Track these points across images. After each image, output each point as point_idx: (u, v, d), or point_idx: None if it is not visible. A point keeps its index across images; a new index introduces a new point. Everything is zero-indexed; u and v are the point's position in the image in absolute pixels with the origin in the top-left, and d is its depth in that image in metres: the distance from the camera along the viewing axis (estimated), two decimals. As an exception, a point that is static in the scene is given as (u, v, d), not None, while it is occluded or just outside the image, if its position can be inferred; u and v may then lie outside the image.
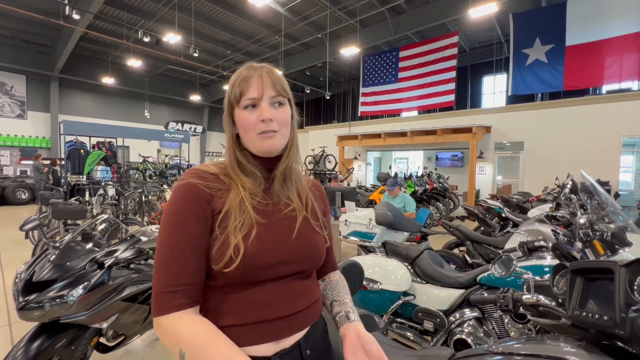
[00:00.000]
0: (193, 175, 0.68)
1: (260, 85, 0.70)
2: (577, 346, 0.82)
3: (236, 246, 0.63)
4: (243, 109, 0.70)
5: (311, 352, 0.73)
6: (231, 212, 0.66)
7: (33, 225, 2.44)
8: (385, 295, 2.12)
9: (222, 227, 0.66)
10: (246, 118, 0.70)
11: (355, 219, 3.60)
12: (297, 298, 0.72)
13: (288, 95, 0.74)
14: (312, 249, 0.75)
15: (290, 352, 0.69)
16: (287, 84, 0.75)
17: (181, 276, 0.62)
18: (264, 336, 0.67)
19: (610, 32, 8.04)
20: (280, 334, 0.68)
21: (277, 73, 0.73)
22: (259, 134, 0.70)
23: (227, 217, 0.66)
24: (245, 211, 0.67)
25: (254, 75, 0.70)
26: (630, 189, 9.47)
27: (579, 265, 0.90)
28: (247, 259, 0.64)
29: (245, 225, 0.66)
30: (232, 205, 0.67)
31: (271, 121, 0.69)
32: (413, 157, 15.20)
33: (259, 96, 0.69)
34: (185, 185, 0.67)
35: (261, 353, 0.66)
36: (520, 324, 1.74)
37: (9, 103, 12.50)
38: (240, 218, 0.66)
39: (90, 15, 8.81)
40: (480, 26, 10.98)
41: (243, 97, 0.70)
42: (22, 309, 1.53)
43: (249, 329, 0.66)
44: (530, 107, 9.77)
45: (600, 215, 1.71)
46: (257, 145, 0.71)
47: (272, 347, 0.67)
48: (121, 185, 6.56)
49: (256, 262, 0.65)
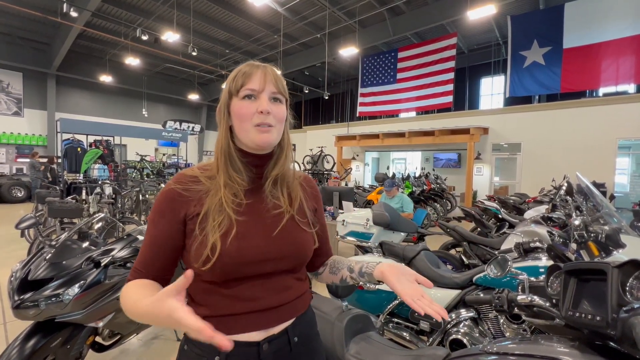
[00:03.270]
0: (174, 181, 0.73)
1: (263, 79, 0.71)
2: (570, 346, 0.82)
3: (213, 245, 0.65)
4: (242, 99, 0.71)
5: (299, 339, 0.75)
6: (210, 212, 0.68)
7: (29, 224, 2.43)
8: (382, 295, 2.12)
9: (201, 227, 0.67)
10: (244, 107, 0.70)
11: (353, 219, 3.61)
12: (285, 291, 0.74)
13: (286, 95, 0.75)
14: (298, 248, 0.76)
15: (278, 337, 0.72)
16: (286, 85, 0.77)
17: (141, 262, 0.71)
18: (253, 325, 0.69)
19: (607, 35, 8.09)
20: (268, 323, 0.71)
21: (279, 74, 0.75)
22: (256, 126, 0.70)
23: (207, 217, 0.68)
24: (223, 211, 0.68)
25: (257, 70, 0.72)
26: (625, 190, 9.53)
27: (573, 266, 0.91)
28: (225, 257, 0.65)
29: (223, 225, 0.67)
30: (211, 206, 0.68)
31: (268, 114, 0.70)
32: (411, 158, 15.23)
33: (260, 88, 0.70)
34: (164, 191, 0.72)
35: (250, 339, 0.69)
36: (516, 324, 1.75)
37: (6, 100, 12.41)
38: (219, 218, 0.67)
39: (88, 12, 8.76)
40: (478, 28, 11.02)
41: (244, 86, 0.70)
42: (17, 307, 1.52)
43: (237, 319, 0.68)
44: (527, 109, 9.82)
45: (595, 217, 1.72)
46: (252, 136, 0.70)
47: (261, 333, 0.70)
48: (118, 184, 6.53)
49: (236, 259, 0.66)
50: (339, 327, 1.24)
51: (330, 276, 0.90)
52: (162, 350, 2.37)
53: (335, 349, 1.20)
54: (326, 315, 1.30)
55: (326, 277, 0.91)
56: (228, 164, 0.72)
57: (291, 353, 0.74)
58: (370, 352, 1.18)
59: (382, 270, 0.74)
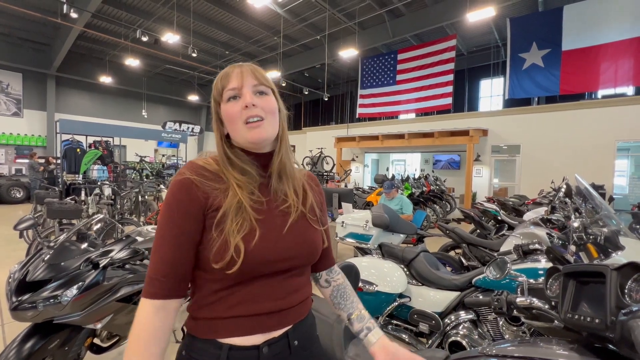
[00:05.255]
0: (191, 171, 0.68)
1: (240, 76, 0.71)
2: (569, 349, 0.82)
3: (237, 247, 0.63)
4: (227, 102, 0.71)
5: (299, 343, 0.74)
6: (228, 213, 0.66)
7: (27, 225, 2.42)
8: (381, 297, 2.12)
9: (219, 228, 0.65)
10: (230, 109, 0.70)
11: (352, 220, 3.60)
12: (290, 294, 0.73)
13: (270, 85, 0.74)
14: (309, 244, 0.75)
15: (278, 341, 0.71)
16: (269, 77, 0.75)
17: (159, 267, 0.65)
18: (254, 329, 0.68)
19: (605, 38, 8.13)
20: (269, 327, 0.70)
21: (258, 67, 0.74)
22: (245, 123, 0.69)
23: (225, 218, 0.66)
24: (243, 212, 0.67)
25: (234, 70, 0.72)
26: (624, 192, 9.55)
27: (572, 269, 0.91)
28: (249, 259, 0.64)
29: (245, 226, 0.66)
30: (229, 207, 0.66)
31: (254, 106, 0.69)
32: (410, 159, 15.24)
33: (240, 85, 0.70)
34: (181, 182, 0.67)
35: (250, 342, 0.68)
36: (515, 326, 1.75)
37: (5, 101, 12.41)
38: (238, 219, 0.66)
39: (89, 13, 8.77)
40: (477, 30, 11.06)
41: (225, 89, 0.71)
42: (15, 309, 1.51)
43: (238, 321, 0.67)
44: (526, 111, 9.84)
45: (594, 219, 1.72)
46: (244, 135, 0.70)
47: (261, 337, 0.69)
48: (117, 184, 6.52)
49: (257, 260, 0.66)
50: (338, 329, 1.23)
51: (330, 301, 0.89)
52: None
53: (334, 351, 1.19)
54: (325, 318, 1.30)
55: (326, 296, 0.90)
56: (229, 168, 0.72)
57: (291, 356, 0.73)
58: (369, 355, 1.18)
59: (375, 352, 0.77)
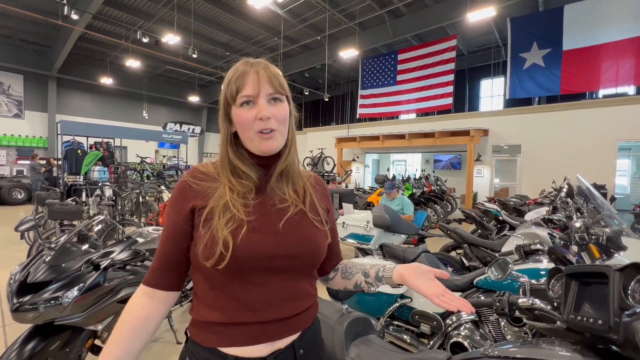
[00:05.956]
0: (189, 174, 0.75)
1: (257, 82, 0.68)
2: (572, 350, 0.82)
3: (225, 241, 0.63)
4: (240, 106, 0.69)
5: (304, 351, 0.74)
6: (215, 210, 0.67)
7: (28, 226, 2.42)
8: (382, 298, 2.11)
9: (207, 225, 0.66)
10: (244, 116, 0.68)
11: (353, 221, 3.60)
12: (293, 300, 0.71)
13: (286, 92, 0.72)
14: (311, 245, 0.72)
15: (284, 352, 0.70)
16: (284, 79, 0.73)
17: (155, 259, 0.73)
18: (259, 337, 0.67)
19: (606, 37, 8.11)
20: (274, 336, 0.69)
21: (274, 68, 0.72)
22: (258, 133, 0.69)
23: (212, 215, 0.67)
24: (230, 209, 0.67)
25: (250, 72, 0.69)
26: (626, 192, 9.53)
27: (574, 269, 0.91)
28: (238, 252, 0.64)
29: (233, 221, 0.66)
30: (217, 204, 0.68)
31: (269, 119, 0.68)
32: (411, 160, 15.23)
33: (256, 93, 0.68)
34: (178, 184, 0.74)
35: (256, 353, 0.67)
36: (517, 327, 1.74)
37: (6, 102, 12.44)
38: (227, 215, 0.66)
39: (89, 15, 8.80)
40: (478, 30, 11.05)
41: (239, 94, 0.68)
42: (16, 310, 1.51)
43: (239, 329, 0.67)
44: (527, 111, 9.83)
45: (596, 219, 1.72)
46: (256, 144, 0.70)
47: (267, 347, 0.68)
48: (118, 186, 6.52)
49: (248, 253, 0.65)
50: (339, 330, 1.23)
51: (343, 281, 0.86)
52: (161, 353, 2.36)
53: (336, 352, 1.19)
54: (326, 319, 1.30)
55: (338, 282, 0.88)
56: (228, 171, 0.72)
57: None
58: (371, 356, 1.17)
59: (402, 273, 0.73)
